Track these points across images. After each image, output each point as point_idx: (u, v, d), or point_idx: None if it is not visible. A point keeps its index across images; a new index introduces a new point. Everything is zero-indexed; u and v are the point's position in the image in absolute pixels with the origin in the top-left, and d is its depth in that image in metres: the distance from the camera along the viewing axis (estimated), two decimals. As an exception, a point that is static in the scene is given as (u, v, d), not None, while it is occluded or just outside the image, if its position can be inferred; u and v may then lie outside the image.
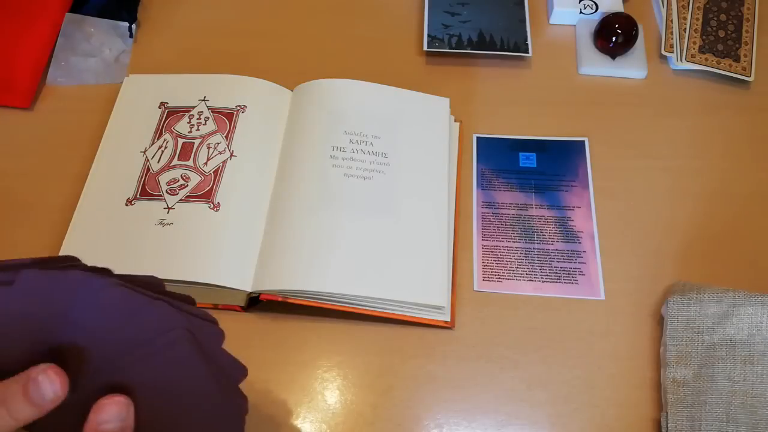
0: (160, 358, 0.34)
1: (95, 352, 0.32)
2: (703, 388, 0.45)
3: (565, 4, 0.64)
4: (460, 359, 0.48)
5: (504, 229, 0.53)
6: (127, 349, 0.33)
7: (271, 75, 0.57)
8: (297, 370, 0.48)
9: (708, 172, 0.57)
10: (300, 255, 0.48)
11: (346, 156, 0.52)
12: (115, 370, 0.33)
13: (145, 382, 0.33)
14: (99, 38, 0.62)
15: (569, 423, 0.46)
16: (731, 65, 0.61)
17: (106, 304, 0.32)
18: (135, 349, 0.33)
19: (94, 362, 0.32)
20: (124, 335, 0.33)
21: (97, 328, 0.32)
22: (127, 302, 0.33)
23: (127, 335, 0.33)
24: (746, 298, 0.46)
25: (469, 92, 0.61)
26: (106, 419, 0.31)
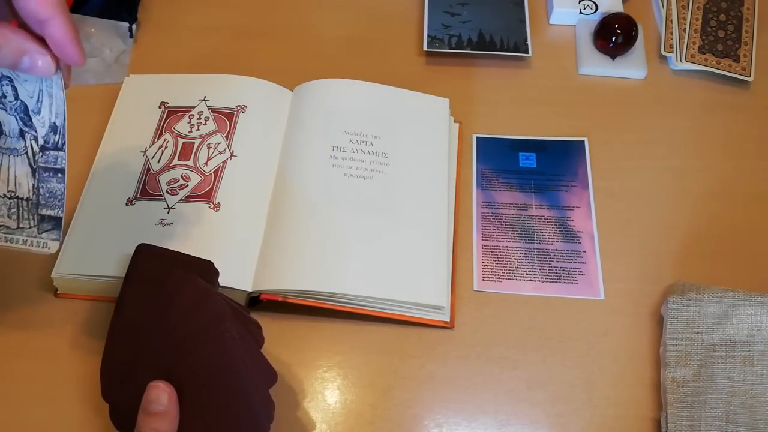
0: (210, 348, 0.36)
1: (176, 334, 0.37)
2: (703, 388, 0.45)
3: (565, 4, 0.64)
4: (460, 359, 0.48)
5: (504, 229, 0.53)
6: (190, 335, 0.37)
7: (271, 75, 0.57)
8: (297, 370, 0.48)
9: (708, 172, 0.57)
10: (300, 255, 0.48)
11: (346, 156, 0.52)
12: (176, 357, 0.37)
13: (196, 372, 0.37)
14: (99, 38, 0.62)
15: (569, 423, 0.46)
16: (731, 65, 0.61)
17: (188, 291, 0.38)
18: (196, 336, 0.37)
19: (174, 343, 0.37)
20: (190, 322, 0.37)
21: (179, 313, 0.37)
22: (198, 292, 0.38)
23: (192, 322, 0.37)
24: (746, 298, 0.46)
25: (469, 92, 0.61)
26: (151, 400, 0.36)
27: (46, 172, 0.35)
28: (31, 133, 0.35)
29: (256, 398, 0.39)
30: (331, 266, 0.48)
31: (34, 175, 0.36)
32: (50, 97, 0.34)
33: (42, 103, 0.34)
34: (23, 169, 0.36)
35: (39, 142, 0.35)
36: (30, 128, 0.35)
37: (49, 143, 0.35)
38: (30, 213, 0.37)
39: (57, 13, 0.32)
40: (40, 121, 0.35)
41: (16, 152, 0.36)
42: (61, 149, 0.35)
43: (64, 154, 0.35)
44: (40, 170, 0.36)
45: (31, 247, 0.38)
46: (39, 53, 0.32)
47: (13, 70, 0.34)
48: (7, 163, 0.36)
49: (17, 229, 0.37)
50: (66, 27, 0.32)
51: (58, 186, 0.36)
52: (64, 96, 0.34)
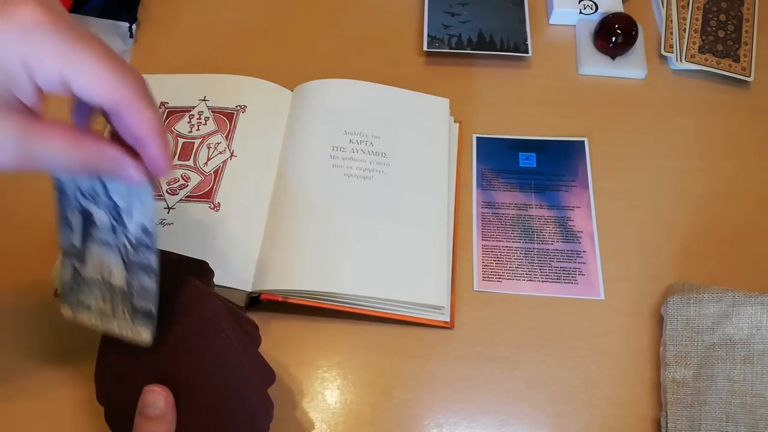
0: (205, 348, 0.36)
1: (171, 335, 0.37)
2: (703, 388, 0.45)
3: (565, 4, 0.64)
4: (460, 359, 0.48)
5: (504, 229, 0.53)
6: (186, 335, 0.37)
7: (271, 75, 0.57)
8: (297, 370, 0.48)
9: (708, 172, 0.57)
10: (300, 255, 0.48)
11: (346, 156, 0.52)
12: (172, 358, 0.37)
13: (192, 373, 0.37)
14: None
15: (569, 423, 0.46)
16: (731, 65, 0.61)
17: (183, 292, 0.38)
18: (191, 336, 0.37)
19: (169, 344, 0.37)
20: (185, 322, 0.37)
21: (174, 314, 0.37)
22: (193, 292, 0.38)
23: (188, 323, 0.37)
24: (746, 298, 0.46)
25: (469, 92, 0.61)
26: (147, 404, 0.36)
27: (138, 267, 0.36)
28: (123, 230, 0.35)
29: (254, 398, 0.39)
30: (331, 266, 0.48)
31: (127, 270, 0.36)
32: (140, 201, 0.34)
33: (133, 206, 0.35)
34: (117, 261, 0.36)
35: (131, 239, 0.35)
36: (122, 225, 0.35)
37: (140, 242, 0.35)
38: (124, 302, 0.37)
39: (156, 134, 0.33)
40: (131, 221, 0.35)
41: (109, 244, 0.36)
42: (151, 250, 0.35)
43: (154, 257, 0.35)
44: (132, 265, 0.36)
45: (126, 334, 0.37)
46: (132, 167, 0.33)
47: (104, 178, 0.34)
48: (101, 253, 0.37)
49: (111, 315, 0.37)
50: (162, 146, 0.33)
51: (150, 284, 0.35)
52: (153, 202, 0.34)
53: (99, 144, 0.32)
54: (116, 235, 0.36)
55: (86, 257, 0.37)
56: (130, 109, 0.32)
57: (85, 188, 0.35)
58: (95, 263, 0.37)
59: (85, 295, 0.38)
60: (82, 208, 0.36)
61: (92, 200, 0.36)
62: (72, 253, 0.38)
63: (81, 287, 0.38)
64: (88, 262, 0.37)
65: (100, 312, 0.37)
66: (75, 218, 0.37)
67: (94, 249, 0.37)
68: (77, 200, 0.36)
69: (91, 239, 0.37)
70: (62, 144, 0.31)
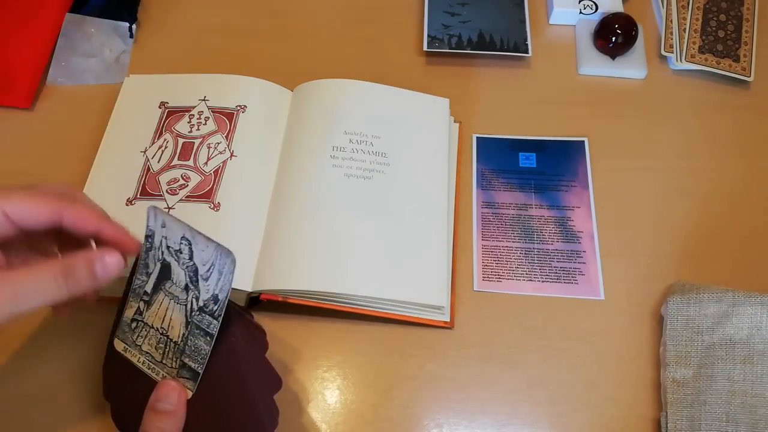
0: (215, 352, 0.36)
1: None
2: (703, 388, 0.45)
3: (565, 4, 0.64)
4: (460, 359, 0.48)
5: (504, 229, 0.53)
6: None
7: (271, 75, 0.57)
8: (297, 370, 0.48)
9: (708, 172, 0.57)
10: (300, 255, 0.48)
11: (346, 156, 0.52)
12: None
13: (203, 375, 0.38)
14: (99, 38, 0.62)
15: (569, 423, 0.46)
16: (731, 65, 0.61)
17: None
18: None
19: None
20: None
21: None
22: None
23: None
24: (746, 298, 0.46)
25: (469, 92, 0.61)
26: (160, 398, 0.37)
27: (197, 329, 0.37)
28: (194, 292, 0.37)
29: (260, 404, 0.39)
30: (331, 266, 0.48)
31: (187, 327, 0.38)
32: (220, 273, 0.36)
33: (211, 275, 0.37)
34: (179, 317, 0.38)
35: (199, 302, 0.37)
36: (195, 288, 0.37)
37: (207, 308, 0.37)
38: (175, 355, 0.38)
39: (105, 219, 0.38)
40: (206, 287, 0.37)
41: (177, 300, 0.38)
42: (216, 318, 0.37)
43: (217, 324, 0.37)
44: (193, 325, 0.37)
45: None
46: (107, 254, 0.36)
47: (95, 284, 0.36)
48: (167, 304, 0.39)
49: (160, 362, 0.39)
50: (115, 227, 0.38)
51: (204, 346, 0.37)
52: (232, 278, 0.36)
53: (66, 260, 0.35)
54: (187, 294, 0.38)
55: (152, 304, 0.39)
56: (74, 209, 0.37)
57: (172, 245, 0.38)
58: (159, 312, 0.39)
59: (141, 337, 0.40)
60: (164, 260, 0.39)
61: (175, 257, 0.38)
62: (141, 297, 0.40)
63: (139, 328, 0.40)
64: (153, 310, 0.39)
65: (150, 356, 0.39)
66: (154, 267, 0.39)
67: (162, 299, 0.39)
68: (161, 252, 0.38)
69: (163, 290, 0.39)
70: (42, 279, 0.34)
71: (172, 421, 0.36)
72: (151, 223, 0.39)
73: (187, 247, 0.37)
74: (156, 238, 0.39)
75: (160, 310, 0.39)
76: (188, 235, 0.37)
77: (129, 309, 0.40)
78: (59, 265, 0.35)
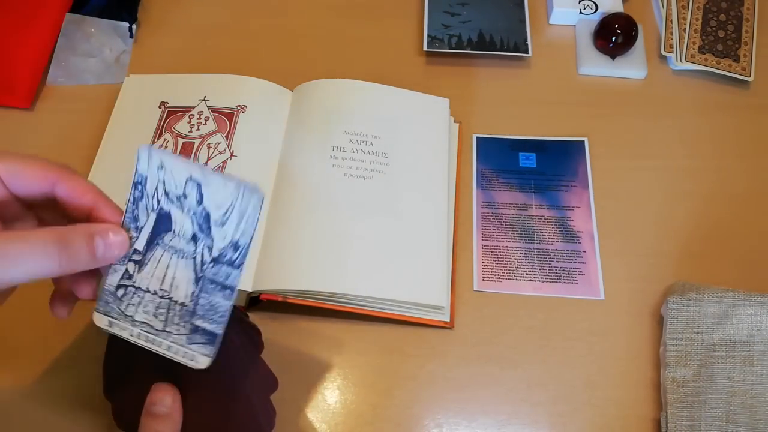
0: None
1: None
2: (703, 388, 0.45)
3: (565, 4, 0.64)
4: (460, 359, 0.48)
5: (504, 229, 0.53)
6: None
7: (271, 75, 0.57)
8: (297, 370, 0.48)
9: (708, 172, 0.57)
10: (300, 255, 0.48)
11: (346, 156, 0.52)
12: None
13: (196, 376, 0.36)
14: (99, 38, 0.62)
15: (569, 423, 0.46)
16: (731, 65, 0.61)
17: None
18: None
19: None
20: None
21: None
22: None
23: None
24: (746, 298, 0.46)
25: (469, 92, 0.61)
26: (155, 401, 0.36)
27: (212, 284, 0.33)
28: (206, 242, 0.33)
29: (257, 405, 0.39)
30: (331, 266, 0.48)
31: (197, 283, 0.33)
32: (241, 216, 0.32)
33: (229, 218, 0.32)
34: (186, 273, 0.33)
35: (213, 252, 0.32)
36: (206, 236, 0.33)
37: (224, 257, 0.32)
38: (182, 319, 0.33)
39: (100, 197, 0.34)
40: (221, 234, 0.32)
41: (182, 254, 0.33)
42: (237, 268, 0.32)
43: (238, 273, 0.32)
44: (205, 280, 0.33)
45: (175, 355, 0.34)
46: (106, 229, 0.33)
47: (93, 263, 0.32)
48: (167, 261, 0.33)
49: (161, 331, 0.34)
50: (113, 207, 0.35)
51: (222, 302, 0.32)
52: (258, 218, 0.31)
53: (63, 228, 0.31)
54: (195, 246, 0.33)
55: (146, 264, 0.34)
56: (70, 179, 0.34)
57: (173, 190, 0.33)
58: (157, 272, 0.34)
59: (132, 306, 0.34)
60: (160, 210, 0.33)
61: (178, 204, 0.33)
62: (129, 257, 0.34)
63: (129, 295, 0.34)
64: (148, 270, 0.34)
65: (147, 327, 0.34)
66: (146, 219, 0.34)
67: (160, 256, 0.34)
68: (157, 200, 0.33)
69: (160, 245, 0.34)
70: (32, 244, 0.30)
71: (168, 424, 0.35)
72: (142, 166, 0.33)
73: (194, 190, 0.32)
74: (149, 184, 0.33)
75: (158, 269, 0.34)
76: (197, 175, 0.32)
77: (112, 275, 0.35)
78: (54, 232, 0.30)
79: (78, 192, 0.34)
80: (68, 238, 0.30)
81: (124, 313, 0.34)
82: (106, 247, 0.32)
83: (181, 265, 0.33)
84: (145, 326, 0.34)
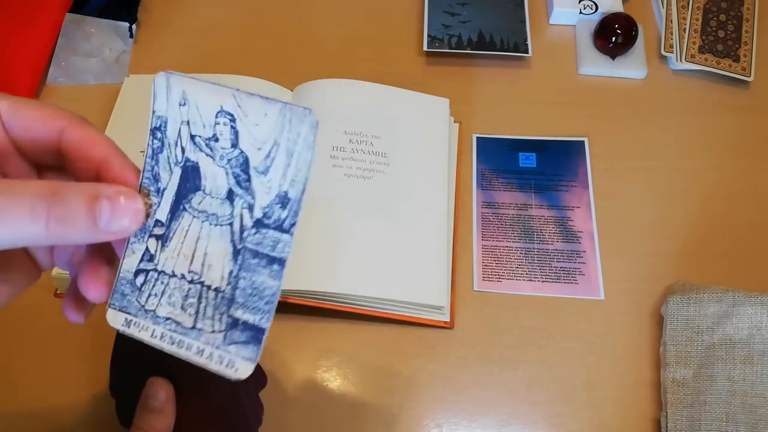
0: None
1: None
2: (703, 388, 0.45)
3: (565, 4, 0.64)
4: (460, 359, 0.48)
5: (504, 229, 0.53)
6: None
7: (271, 75, 0.57)
8: (297, 370, 0.48)
9: (708, 172, 0.57)
10: (300, 255, 0.48)
11: (346, 156, 0.52)
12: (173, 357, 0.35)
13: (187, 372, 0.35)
14: (99, 38, 0.62)
15: (569, 423, 0.46)
16: (731, 65, 0.61)
17: None
18: None
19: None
20: None
21: None
22: None
23: None
24: (746, 298, 0.46)
25: (469, 92, 0.61)
26: (149, 395, 0.35)
27: (255, 257, 0.25)
28: (246, 199, 0.25)
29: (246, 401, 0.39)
30: (331, 266, 0.48)
31: (236, 259, 0.25)
32: (289, 156, 0.24)
33: (274, 162, 0.24)
34: (221, 246, 0.25)
35: (255, 213, 0.25)
36: (246, 191, 0.25)
37: (270, 218, 0.25)
38: (217, 311, 0.25)
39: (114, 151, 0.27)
40: (265, 185, 0.24)
41: (215, 219, 0.25)
42: (286, 232, 0.25)
43: (289, 239, 0.24)
44: (246, 254, 0.25)
45: (209, 362, 0.25)
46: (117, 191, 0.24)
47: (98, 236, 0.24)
48: (197, 231, 0.26)
49: (192, 329, 0.26)
50: (131, 165, 0.27)
51: (269, 282, 0.25)
52: (312, 158, 0.23)
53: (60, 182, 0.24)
54: (232, 206, 0.25)
55: (172, 238, 0.26)
56: (81, 127, 0.27)
57: (199, 132, 0.24)
58: (185, 248, 0.26)
59: (154, 296, 0.26)
60: (186, 161, 0.25)
61: (208, 150, 0.25)
62: (149, 231, 0.26)
63: (150, 283, 0.27)
64: (173, 246, 0.26)
65: (173, 324, 0.26)
66: (170, 177, 0.26)
67: (187, 225, 0.26)
68: (181, 149, 0.25)
69: (188, 210, 0.26)
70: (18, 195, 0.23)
71: (161, 419, 0.35)
72: (160, 103, 0.25)
73: (228, 126, 0.24)
74: (170, 128, 0.25)
75: (185, 244, 0.26)
76: (231, 103, 0.24)
77: (129, 257, 0.27)
78: (47, 185, 0.23)
79: (88, 143, 0.27)
80: (63, 194, 0.23)
81: (143, 307, 0.26)
82: (113, 214, 0.24)
83: (215, 236, 0.25)
84: (170, 324, 0.26)
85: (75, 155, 0.27)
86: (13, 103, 0.26)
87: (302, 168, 0.24)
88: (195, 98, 0.25)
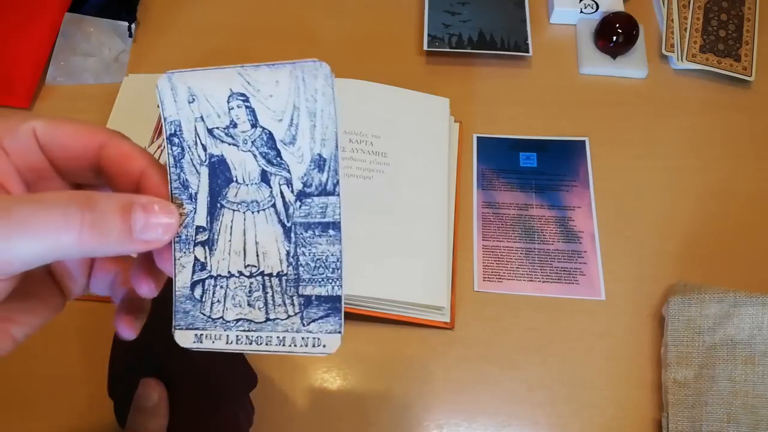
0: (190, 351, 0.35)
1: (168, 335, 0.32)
2: (704, 389, 0.45)
3: (566, 3, 0.64)
4: (461, 360, 0.48)
5: (504, 229, 0.53)
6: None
7: (270, 75, 0.57)
8: (297, 371, 0.47)
9: (708, 172, 0.57)
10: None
11: (346, 156, 0.52)
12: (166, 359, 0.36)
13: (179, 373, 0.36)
14: (98, 38, 0.62)
15: (569, 423, 0.46)
16: (732, 65, 0.61)
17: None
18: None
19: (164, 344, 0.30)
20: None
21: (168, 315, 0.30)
22: None
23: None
24: (747, 299, 0.46)
25: (469, 92, 0.61)
26: (142, 395, 0.35)
27: (308, 229, 0.25)
28: (281, 175, 0.24)
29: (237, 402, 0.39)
30: (331, 266, 0.48)
31: (289, 238, 0.25)
32: (312, 117, 0.23)
33: (299, 128, 0.23)
34: (270, 229, 0.25)
35: (295, 186, 0.24)
36: (279, 167, 0.24)
37: (311, 186, 0.24)
38: (286, 295, 0.25)
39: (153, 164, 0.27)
40: (296, 154, 0.24)
41: (255, 206, 0.25)
42: (332, 193, 0.25)
43: (336, 200, 0.25)
44: (297, 229, 0.25)
45: (294, 348, 0.25)
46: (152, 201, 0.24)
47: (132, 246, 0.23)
48: (242, 224, 0.25)
49: (265, 322, 0.25)
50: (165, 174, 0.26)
51: (329, 249, 0.25)
52: (336, 111, 0.23)
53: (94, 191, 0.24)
54: (270, 187, 0.24)
55: (218, 240, 0.25)
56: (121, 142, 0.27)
57: (215, 123, 0.24)
58: (234, 245, 0.25)
59: (218, 303, 0.26)
60: (210, 157, 0.25)
61: (229, 139, 0.24)
62: (193, 240, 0.25)
63: (210, 291, 0.26)
64: (220, 247, 0.25)
65: (246, 324, 0.25)
66: (198, 179, 0.25)
67: (229, 222, 0.25)
68: (202, 147, 0.25)
69: (226, 207, 0.25)
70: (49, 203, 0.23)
71: (152, 419, 0.35)
72: (169, 107, 0.24)
73: (243, 107, 0.24)
74: (185, 130, 0.25)
75: (233, 240, 0.25)
76: (239, 83, 0.23)
77: (180, 273, 0.26)
78: (79, 194, 0.23)
79: (127, 157, 0.26)
80: (97, 202, 0.23)
81: (210, 317, 0.26)
82: (147, 222, 0.24)
83: (261, 222, 0.25)
84: (242, 325, 0.25)
85: (115, 170, 0.26)
86: (48, 122, 0.26)
87: (329, 124, 0.23)
88: (202, 90, 0.24)
